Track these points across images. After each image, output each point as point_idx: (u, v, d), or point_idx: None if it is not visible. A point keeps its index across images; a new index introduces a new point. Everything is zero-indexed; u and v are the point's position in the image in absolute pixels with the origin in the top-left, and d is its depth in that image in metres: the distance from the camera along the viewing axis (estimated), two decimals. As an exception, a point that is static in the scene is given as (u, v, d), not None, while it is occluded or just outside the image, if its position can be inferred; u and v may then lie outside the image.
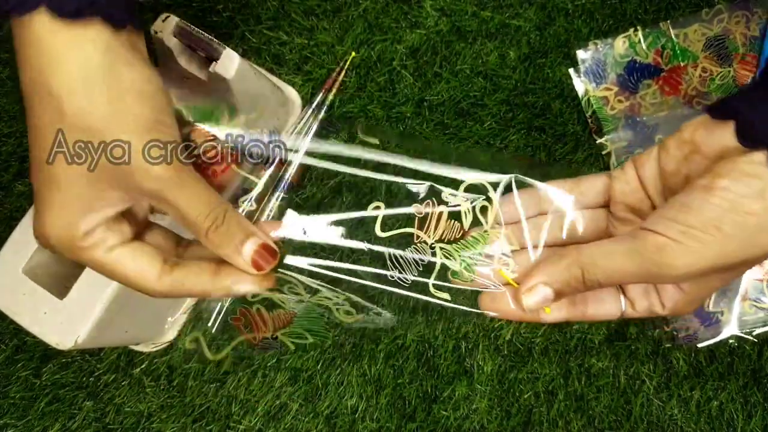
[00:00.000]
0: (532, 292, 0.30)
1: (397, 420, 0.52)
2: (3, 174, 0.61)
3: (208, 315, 0.54)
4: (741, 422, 0.50)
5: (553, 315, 0.32)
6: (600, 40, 0.55)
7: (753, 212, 0.26)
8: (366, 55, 0.58)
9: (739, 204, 0.26)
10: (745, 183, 0.26)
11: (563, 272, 0.29)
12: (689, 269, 0.27)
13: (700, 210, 0.26)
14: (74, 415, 0.55)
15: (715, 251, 0.26)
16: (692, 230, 0.26)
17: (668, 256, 0.27)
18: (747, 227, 0.26)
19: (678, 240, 0.27)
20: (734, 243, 0.26)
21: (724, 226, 0.26)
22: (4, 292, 0.46)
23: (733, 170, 0.26)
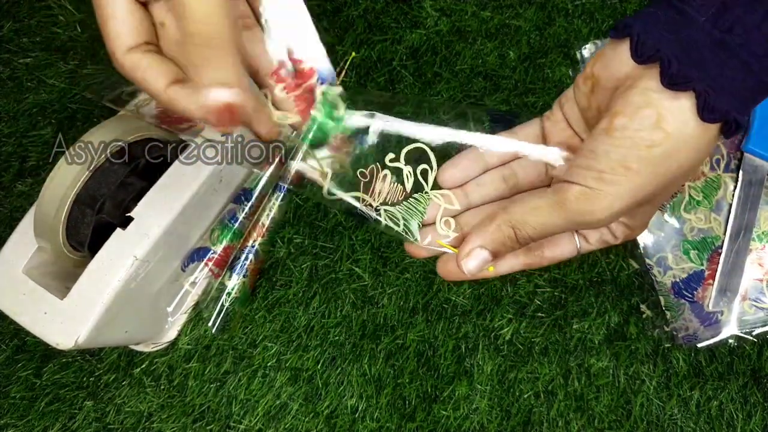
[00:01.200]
0: (470, 256, 0.31)
1: (397, 420, 0.52)
2: (3, 174, 0.61)
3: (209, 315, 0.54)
4: (741, 422, 0.50)
5: (509, 264, 0.33)
6: (600, 39, 0.55)
7: (654, 143, 0.26)
8: (366, 55, 0.58)
9: (639, 139, 0.26)
10: (640, 116, 0.26)
11: (496, 233, 0.30)
12: (610, 212, 0.27)
13: (605, 154, 0.27)
14: (74, 414, 0.55)
15: (630, 188, 0.27)
16: (603, 175, 0.27)
17: (587, 204, 0.27)
18: (653, 159, 0.26)
19: (592, 187, 0.27)
20: (645, 176, 0.27)
21: (631, 164, 0.26)
22: (5, 292, 0.46)
23: (627, 105, 0.27)
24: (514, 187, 0.34)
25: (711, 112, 0.25)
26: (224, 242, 0.54)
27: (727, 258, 0.50)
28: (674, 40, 0.26)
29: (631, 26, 0.27)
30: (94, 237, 0.46)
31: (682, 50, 0.26)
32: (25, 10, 0.64)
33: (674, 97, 0.26)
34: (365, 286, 0.55)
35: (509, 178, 0.34)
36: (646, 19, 0.27)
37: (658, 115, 0.26)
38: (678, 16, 0.26)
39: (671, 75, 0.25)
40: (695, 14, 0.26)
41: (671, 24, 0.26)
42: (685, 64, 0.25)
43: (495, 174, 0.35)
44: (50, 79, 0.62)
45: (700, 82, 0.25)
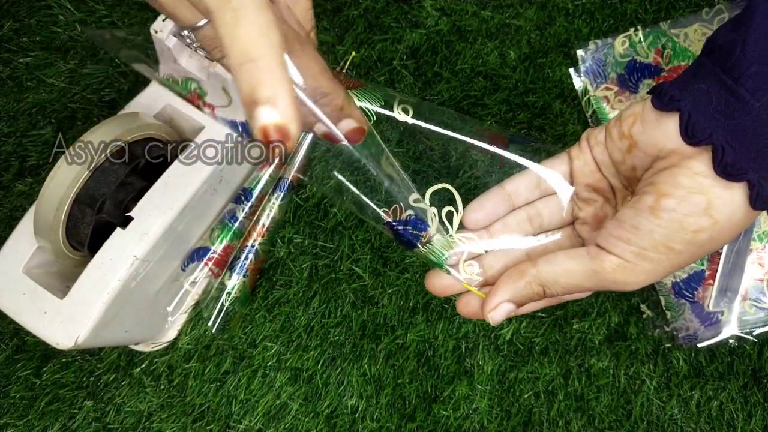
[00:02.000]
0: (496, 310, 0.31)
1: (397, 420, 0.52)
2: (3, 174, 0.61)
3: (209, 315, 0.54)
4: (741, 422, 0.50)
5: (530, 307, 0.33)
6: (600, 39, 0.55)
7: (701, 229, 0.26)
8: (366, 55, 0.58)
9: (686, 224, 0.26)
10: (690, 202, 0.26)
11: (525, 290, 0.31)
12: (644, 284, 0.28)
13: (650, 233, 0.27)
14: (74, 414, 0.55)
15: (667, 266, 0.27)
16: (646, 252, 0.27)
17: (623, 275, 0.28)
18: (698, 242, 0.26)
19: (632, 261, 0.27)
20: (687, 256, 0.27)
21: (675, 246, 0.27)
22: (5, 292, 0.46)
23: (676, 187, 0.26)
24: (539, 227, 0.34)
25: (764, 202, 0.25)
26: (224, 242, 0.54)
27: (728, 258, 0.50)
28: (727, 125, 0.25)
29: (679, 101, 0.27)
30: (94, 237, 0.46)
31: (735, 138, 0.25)
32: (25, 10, 0.64)
33: (726, 186, 0.25)
34: (365, 285, 0.55)
35: (534, 218, 0.34)
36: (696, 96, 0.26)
37: (708, 203, 0.26)
38: (731, 97, 0.26)
39: (725, 165, 0.25)
40: (750, 98, 0.25)
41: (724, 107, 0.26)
42: (739, 154, 0.25)
43: (520, 214, 0.34)
44: (50, 79, 0.62)
45: (755, 172, 0.25)
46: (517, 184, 0.34)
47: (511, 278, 0.31)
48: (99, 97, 0.61)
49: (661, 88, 0.28)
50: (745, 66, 0.25)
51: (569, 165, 0.34)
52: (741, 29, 0.26)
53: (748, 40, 0.25)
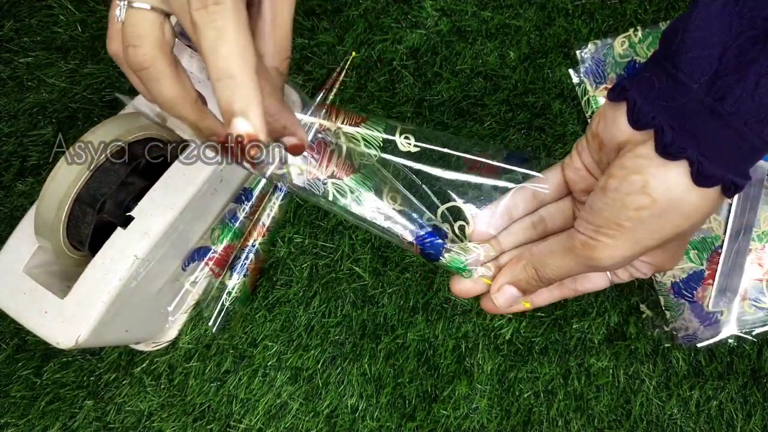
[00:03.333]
0: (500, 292, 0.35)
1: (397, 419, 0.52)
2: (4, 173, 0.61)
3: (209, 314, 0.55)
4: (740, 422, 0.50)
5: (544, 297, 0.36)
6: (600, 40, 0.55)
7: (641, 207, 0.27)
8: (366, 55, 0.58)
9: (627, 202, 0.28)
10: (629, 181, 0.28)
11: (521, 272, 0.34)
12: (614, 259, 0.30)
13: (600, 211, 0.29)
14: (75, 414, 0.55)
15: (626, 241, 0.29)
16: (601, 229, 0.29)
17: (590, 251, 0.30)
18: (642, 219, 0.28)
19: (594, 237, 0.30)
20: (639, 232, 0.28)
21: (623, 222, 0.28)
22: (5, 292, 0.46)
23: (620, 168, 0.28)
24: (542, 232, 0.37)
25: (706, 179, 0.26)
26: (225, 242, 0.54)
27: (727, 258, 0.50)
28: (668, 108, 0.27)
29: (627, 91, 0.28)
30: (94, 236, 0.47)
31: (675, 119, 0.26)
32: (25, 10, 0.64)
33: (663, 165, 0.27)
34: (365, 285, 0.55)
35: (538, 224, 0.37)
36: (641, 85, 0.28)
37: (644, 182, 0.27)
38: (672, 82, 0.27)
39: (665, 144, 0.26)
40: (688, 81, 0.26)
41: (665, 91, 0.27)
42: (678, 133, 0.26)
43: (525, 221, 0.37)
44: (51, 79, 0.62)
45: (694, 150, 0.26)
46: (514, 198, 0.36)
47: (510, 263, 0.35)
48: (99, 97, 0.61)
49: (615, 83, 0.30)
50: (683, 52, 0.26)
51: (562, 175, 0.36)
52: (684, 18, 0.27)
53: (688, 27, 0.27)
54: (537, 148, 0.55)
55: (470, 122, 0.56)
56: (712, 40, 0.26)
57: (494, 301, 0.35)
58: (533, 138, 0.56)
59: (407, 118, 0.57)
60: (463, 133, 0.56)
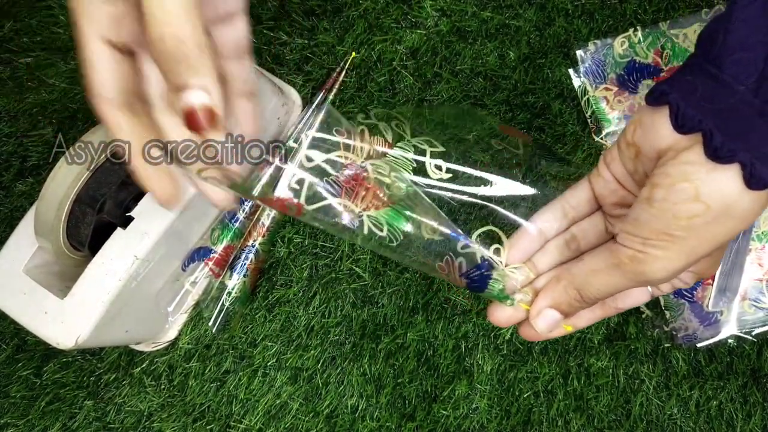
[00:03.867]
0: (540, 316, 0.33)
1: (397, 419, 0.52)
2: (4, 174, 0.61)
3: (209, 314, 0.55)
4: (740, 422, 0.50)
5: (586, 318, 0.35)
6: (600, 40, 0.55)
7: (694, 215, 0.26)
8: (366, 56, 0.58)
9: (678, 212, 0.27)
10: (677, 189, 0.27)
11: (562, 294, 0.32)
12: (667, 271, 0.28)
13: (647, 223, 0.28)
14: (75, 414, 0.55)
15: (678, 251, 0.28)
16: (649, 241, 0.28)
17: (640, 265, 0.28)
18: (695, 227, 0.27)
19: (642, 251, 0.28)
20: (692, 241, 0.27)
21: (674, 232, 0.27)
22: (5, 292, 0.46)
23: (665, 176, 0.27)
24: (576, 250, 0.35)
25: (759, 181, 0.25)
26: (224, 242, 0.54)
27: (727, 258, 0.50)
28: (714, 110, 0.26)
29: (668, 94, 0.27)
30: (94, 237, 0.47)
31: (723, 121, 0.26)
32: (25, 10, 0.64)
33: (713, 169, 0.26)
34: (365, 285, 0.55)
35: (571, 242, 0.35)
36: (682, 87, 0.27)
37: (695, 189, 0.26)
38: (716, 84, 0.26)
39: (715, 148, 0.25)
40: (733, 83, 0.26)
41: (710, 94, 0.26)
42: (728, 136, 0.25)
43: (558, 240, 0.36)
44: (51, 79, 0.62)
45: (745, 153, 0.25)
46: (545, 217, 0.35)
47: (549, 285, 0.33)
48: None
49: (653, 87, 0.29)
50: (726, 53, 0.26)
51: (591, 189, 0.35)
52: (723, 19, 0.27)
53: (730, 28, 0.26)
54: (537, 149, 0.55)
55: (470, 122, 0.56)
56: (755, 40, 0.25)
57: (535, 326, 0.33)
58: (533, 138, 0.56)
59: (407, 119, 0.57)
60: (462, 134, 0.56)
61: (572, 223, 0.35)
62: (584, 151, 0.55)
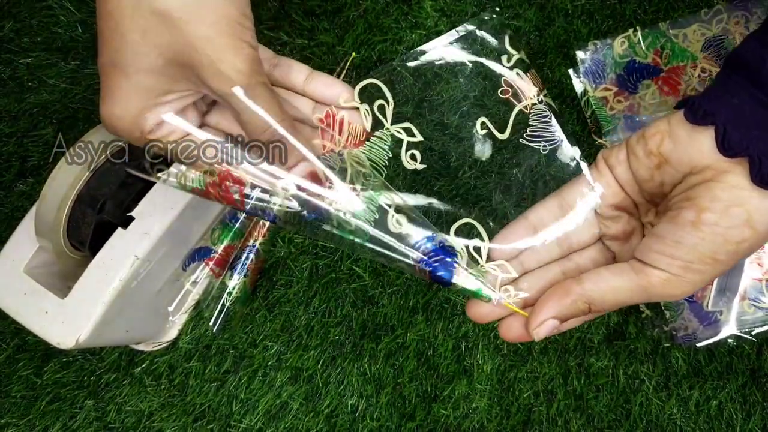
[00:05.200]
0: (541, 327, 0.32)
1: (397, 419, 0.52)
2: (4, 174, 0.61)
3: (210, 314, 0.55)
4: (740, 421, 0.50)
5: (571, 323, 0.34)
6: (599, 40, 0.55)
7: (743, 240, 0.27)
8: (366, 56, 0.58)
9: (729, 236, 0.27)
10: (730, 214, 0.27)
11: (570, 307, 0.31)
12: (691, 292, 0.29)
13: (694, 247, 0.28)
14: (75, 414, 0.55)
15: (713, 275, 0.28)
16: (691, 265, 0.28)
17: (671, 289, 0.29)
18: (740, 251, 0.27)
19: (679, 275, 0.28)
20: (729, 264, 0.28)
21: (720, 257, 0.27)
22: (6, 292, 0.46)
23: (716, 201, 0.27)
24: (567, 249, 0.35)
25: None
26: (225, 242, 0.54)
27: (726, 258, 0.50)
28: (762, 138, 0.26)
29: (713, 115, 0.27)
30: (95, 236, 0.47)
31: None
32: (25, 10, 0.64)
33: (765, 196, 0.26)
34: (365, 285, 0.55)
35: (563, 241, 0.35)
36: (729, 109, 0.27)
37: (747, 214, 0.27)
38: (765, 111, 0.27)
39: (763, 175, 0.26)
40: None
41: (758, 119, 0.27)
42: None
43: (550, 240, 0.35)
44: (51, 79, 0.62)
45: None
46: (540, 213, 0.35)
47: (556, 295, 0.32)
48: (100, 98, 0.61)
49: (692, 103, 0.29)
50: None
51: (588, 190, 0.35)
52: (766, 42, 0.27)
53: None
54: (537, 149, 0.55)
55: (470, 123, 0.56)
56: None
57: (535, 335, 0.32)
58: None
59: (407, 119, 0.57)
60: (462, 134, 0.56)
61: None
62: (584, 151, 0.55)
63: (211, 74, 0.28)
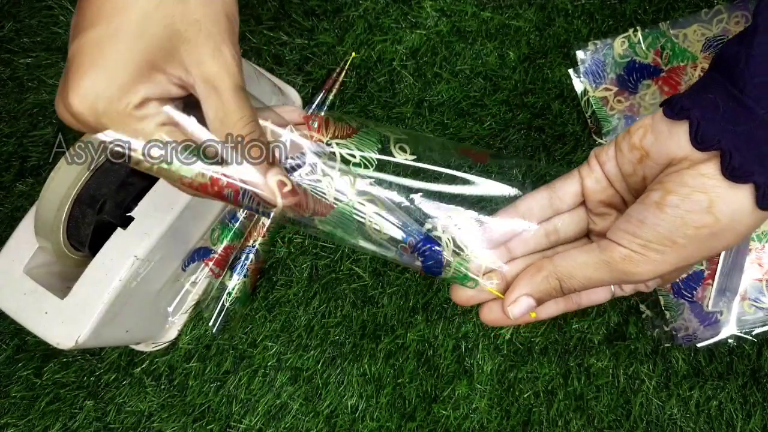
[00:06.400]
0: (516, 303, 0.33)
1: (397, 419, 0.52)
2: (4, 174, 0.61)
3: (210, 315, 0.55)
4: (740, 422, 0.50)
5: (549, 310, 0.35)
6: (599, 40, 0.55)
7: (703, 226, 0.28)
8: (366, 56, 0.58)
9: (689, 220, 0.28)
10: (693, 199, 0.28)
11: (542, 283, 0.33)
12: (654, 273, 0.29)
13: (654, 226, 0.29)
14: (75, 414, 0.55)
15: (673, 258, 0.29)
16: (650, 244, 0.29)
17: (632, 266, 0.29)
18: (699, 237, 0.28)
19: (639, 252, 0.29)
20: (690, 250, 0.28)
21: (678, 239, 0.28)
22: (6, 292, 0.46)
23: (682, 185, 0.28)
24: (555, 242, 0.36)
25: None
26: (225, 242, 0.54)
27: (727, 258, 0.50)
28: (734, 132, 0.27)
29: (689, 110, 0.28)
30: (94, 237, 0.47)
31: (742, 143, 0.27)
32: (25, 10, 0.64)
33: (730, 187, 0.27)
34: (365, 285, 0.55)
35: (551, 233, 0.36)
36: (704, 105, 0.28)
37: (710, 201, 0.27)
38: (737, 106, 0.27)
39: (733, 168, 0.27)
40: (755, 106, 0.27)
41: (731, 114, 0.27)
42: (746, 157, 0.27)
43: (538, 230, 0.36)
44: (51, 79, 0.62)
45: (761, 175, 0.26)
46: (529, 203, 0.36)
47: (528, 273, 0.33)
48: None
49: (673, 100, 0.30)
50: (749, 77, 0.27)
51: (580, 184, 0.35)
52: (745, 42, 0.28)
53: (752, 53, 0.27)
54: (537, 149, 0.55)
55: (470, 122, 0.56)
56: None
57: (509, 312, 0.33)
58: (533, 138, 0.56)
59: (407, 119, 0.57)
60: (462, 134, 0.56)
61: (556, 213, 0.36)
62: (584, 151, 0.55)
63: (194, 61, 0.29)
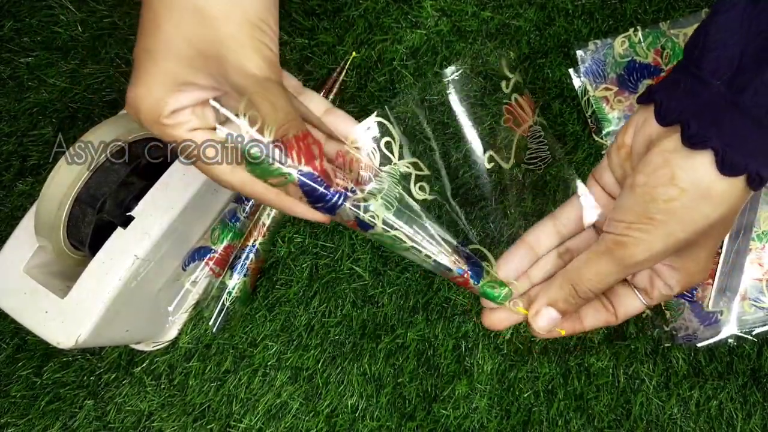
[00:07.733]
0: (538, 315, 0.34)
1: (397, 419, 0.52)
2: (4, 173, 0.61)
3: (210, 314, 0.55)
4: (740, 421, 0.50)
5: (590, 322, 0.36)
6: (600, 40, 0.55)
7: (671, 198, 0.29)
8: (366, 55, 0.58)
9: (656, 195, 0.29)
10: (656, 174, 0.29)
11: (557, 291, 0.34)
12: (647, 254, 0.30)
13: (630, 207, 0.30)
14: (75, 413, 0.55)
15: (659, 234, 0.29)
16: (633, 225, 0.30)
17: (625, 249, 0.30)
18: (673, 210, 0.29)
19: (625, 234, 0.30)
20: (671, 225, 0.29)
21: (654, 215, 0.29)
22: (6, 291, 0.46)
23: (647, 164, 0.30)
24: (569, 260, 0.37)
25: (730, 168, 0.27)
26: (225, 241, 0.54)
27: (727, 258, 0.50)
28: (693, 103, 0.28)
29: (655, 92, 0.30)
30: (94, 236, 0.47)
31: (700, 113, 0.28)
32: (25, 10, 0.64)
33: (689, 155, 0.28)
34: (365, 285, 0.55)
35: (564, 254, 0.37)
36: (668, 86, 0.30)
37: (672, 173, 0.28)
38: (695, 81, 0.29)
39: (690, 135, 0.28)
40: (710, 79, 0.28)
41: (690, 89, 0.29)
42: (702, 125, 0.28)
43: (551, 254, 0.37)
44: (51, 79, 0.62)
45: (718, 140, 0.27)
46: (537, 234, 0.37)
47: (545, 285, 0.35)
48: (100, 97, 0.61)
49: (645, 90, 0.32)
50: (705, 53, 0.29)
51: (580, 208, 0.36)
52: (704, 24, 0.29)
53: (709, 31, 0.29)
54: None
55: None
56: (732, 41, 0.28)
57: (534, 324, 0.34)
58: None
59: (407, 118, 0.57)
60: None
61: (563, 240, 0.37)
62: (584, 151, 0.55)
63: (234, 68, 0.30)
